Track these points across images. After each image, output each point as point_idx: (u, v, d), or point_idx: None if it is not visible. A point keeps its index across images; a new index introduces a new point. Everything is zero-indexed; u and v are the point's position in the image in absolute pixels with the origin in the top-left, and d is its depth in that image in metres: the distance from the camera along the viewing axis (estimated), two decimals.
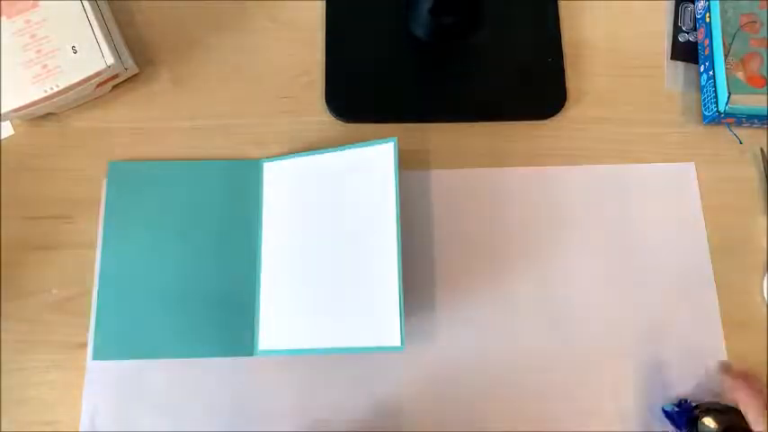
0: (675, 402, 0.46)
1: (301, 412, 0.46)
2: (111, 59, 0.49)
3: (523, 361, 0.48)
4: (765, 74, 0.50)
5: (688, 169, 0.52)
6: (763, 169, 0.52)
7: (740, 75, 0.50)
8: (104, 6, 0.52)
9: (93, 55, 0.49)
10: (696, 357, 0.48)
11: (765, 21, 0.51)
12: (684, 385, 0.47)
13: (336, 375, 0.47)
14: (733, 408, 0.44)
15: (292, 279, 0.47)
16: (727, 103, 0.50)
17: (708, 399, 0.46)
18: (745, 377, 0.43)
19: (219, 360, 0.47)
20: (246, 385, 0.47)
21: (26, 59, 0.48)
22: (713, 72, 0.52)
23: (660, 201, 0.52)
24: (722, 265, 0.50)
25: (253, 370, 0.47)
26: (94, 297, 0.48)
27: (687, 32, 0.56)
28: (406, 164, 0.52)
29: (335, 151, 0.49)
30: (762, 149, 0.53)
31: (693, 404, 0.46)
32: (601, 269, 0.50)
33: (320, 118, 0.53)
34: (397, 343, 0.42)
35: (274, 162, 0.51)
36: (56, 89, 0.48)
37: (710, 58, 0.52)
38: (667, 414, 0.46)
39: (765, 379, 0.33)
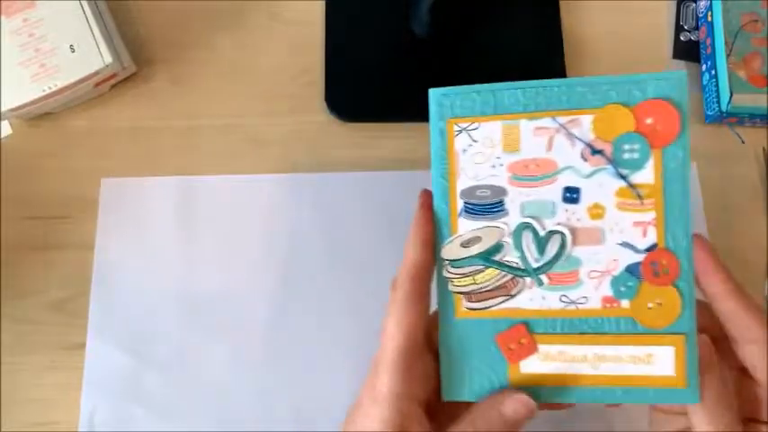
0: None
1: (299, 411, 0.46)
2: (109, 58, 0.49)
3: None
4: (767, 73, 0.50)
5: None
6: (764, 169, 0.52)
7: (742, 74, 0.50)
8: (102, 5, 0.52)
9: (91, 54, 0.48)
10: None
11: (767, 20, 0.51)
12: None
13: (336, 375, 0.47)
14: None
15: None
16: (729, 103, 0.50)
17: None
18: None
19: (218, 361, 0.47)
20: (244, 386, 0.47)
21: (24, 58, 0.48)
22: (715, 71, 0.51)
23: None
24: None
25: (251, 371, 0.47)
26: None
27: (689, 31, 0.56)
28: (406, 164, 0.51)
29: None
30: (764, 149, 0.53)
31: None
32: None
33: (320, 118, 0.53)
34: None
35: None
36: (54, 88, 0.48)
37: (712, 57, 0.52)
38: None
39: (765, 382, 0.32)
